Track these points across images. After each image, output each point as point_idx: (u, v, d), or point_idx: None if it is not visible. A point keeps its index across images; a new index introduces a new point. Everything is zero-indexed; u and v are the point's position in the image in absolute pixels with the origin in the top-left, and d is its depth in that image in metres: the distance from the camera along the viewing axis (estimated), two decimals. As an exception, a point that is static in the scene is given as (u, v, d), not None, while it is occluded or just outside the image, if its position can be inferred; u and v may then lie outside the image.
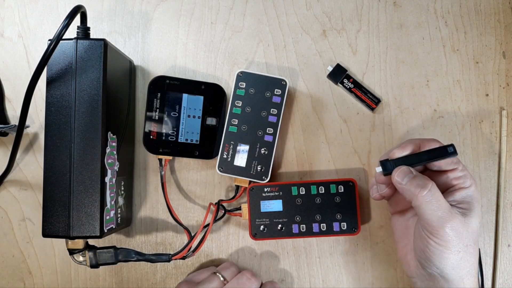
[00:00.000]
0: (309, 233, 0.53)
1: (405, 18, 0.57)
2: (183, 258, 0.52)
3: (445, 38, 0.57)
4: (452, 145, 0.45)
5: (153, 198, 0.57)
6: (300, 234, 0.54)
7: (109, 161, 0.49)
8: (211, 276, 0.52)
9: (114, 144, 0.50)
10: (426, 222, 0.45)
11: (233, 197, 0.55)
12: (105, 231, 0.48)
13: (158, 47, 0.58)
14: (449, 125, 0.56)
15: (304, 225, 0.53)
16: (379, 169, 0.47)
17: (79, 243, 0.50)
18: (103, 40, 0.48)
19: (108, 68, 0.48)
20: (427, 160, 0.46)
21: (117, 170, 0.51)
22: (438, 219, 0.44)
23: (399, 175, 0.45)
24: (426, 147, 0.47)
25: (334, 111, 0.57)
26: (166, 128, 0.55)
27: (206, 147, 0.56)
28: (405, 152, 0.47)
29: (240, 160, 0.55)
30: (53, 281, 0.57)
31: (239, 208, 0.55)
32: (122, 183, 0.53)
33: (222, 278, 0.52)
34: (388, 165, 0.47)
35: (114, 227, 0.50)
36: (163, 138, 0.55)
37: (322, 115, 0.57)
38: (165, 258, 0.51)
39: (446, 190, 0.48)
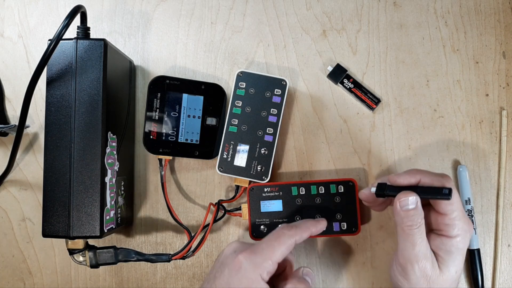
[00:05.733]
0: (309, 233, 0.53)
1: (405, 18, 0.57)
2: (183, 258, 0.52)
3: (445, 38, 0.57)
4: (449, 189, 0.44)
5: (153, 198, 0.57)
6: (300, 234, 0.53)
7: (109, 161, 0.49)
8: None
9: (114, 144, 0.50)
10: (399, 254, 0.46)
11: (233, 197, 0.55)
12: (105, 231, 0.48)
13: (158, 47, 0.58)
14: (449, 125, 0.56)
15: (304, 225, 0.53)
16: (373, 189, 0.48)
17: (79, 243, 0.50)
18: (103, 40, 0.48)
19: (108, 68, 0.48)
20: (420, 194, 0.45)
21: (117, 170, 0.51)
22: (409, 256, 0.45)
23: (404, 201, 0.45)
24: (427, 181, 0.46)
25: (334, 111, 0.57)
26: (166, 128, 0.55)
27: (206, 147, 0.56)
28: (411, 180, 0.46)
29: (240, 160, 0.54)
30: (53, 281, 0.57)
31: (239, 208, 0.55)
32: (122, 183, 0.53)
33: None
34: (383, 188, 0.47)
35: (114, 227, 0.50)
36: (163, 138, 0.55)
37: (322, 115, 0.57)
38: (165, 258, 0.51)
39: (432, 230, 0.47)
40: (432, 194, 0.45)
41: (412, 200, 0.45)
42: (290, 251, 0.47)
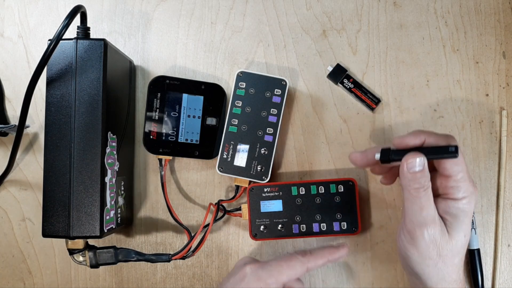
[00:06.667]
0: (309, 233, 0.53)
1: (405, 18, 0.57)
2: (183, 258, 0.52)
3: (445, 38, 0.57)
4: (455, 146, 0.42)
5: (153, 198, 0.57)
6: (300, 234, 0.54)
7: (109, 161, 0.49)
8: None
9: (114, 144, 0.50)
10: (407, 220, 0.45)
11: (233, 197, 0.55)
12: (105, 231, 0.48)
13: (158, 47, 0.58)
14: (449, 125, 0.56)
15: (304, 225, 0.53)
16: (377, 155, 0.46)
17: (79, 243, 0.50)
18: (103, 40, 0.48)
19: (108, 68, 0.48)
20: (427, 155, 0.43)
21: (117, 170, 0.51)
22: (417, 220, 0.44)
23: (412, 163, 0.43)
24: (432, 141, 0.44)
25: (334, 111, 0.57)
26: (166, 128, 0.55)
27: (206, 147, 0.56)
28: (416, 141, 0.44)
29: (240, 160, 0.54)
30: (53, 281, 0.57)
31: (239, 208, 0.55)
32: (122, 183, 0.53)
33: None
34: (387, 154, 0.45)
35: (114, 227, 0.50)
36: (163, 138, 0.55)
37: (322, 115, 0.57)
38: (165, 258, 0.51)
39: (438, 195, 0.46)
40: (439, 154, 0.43)
41: (419, 162, 0.43)
42: (298, 276, 0.47)
